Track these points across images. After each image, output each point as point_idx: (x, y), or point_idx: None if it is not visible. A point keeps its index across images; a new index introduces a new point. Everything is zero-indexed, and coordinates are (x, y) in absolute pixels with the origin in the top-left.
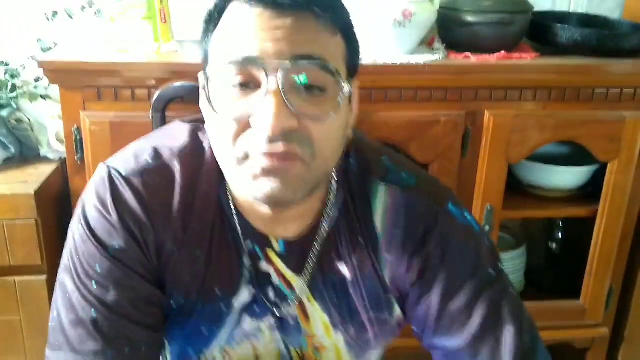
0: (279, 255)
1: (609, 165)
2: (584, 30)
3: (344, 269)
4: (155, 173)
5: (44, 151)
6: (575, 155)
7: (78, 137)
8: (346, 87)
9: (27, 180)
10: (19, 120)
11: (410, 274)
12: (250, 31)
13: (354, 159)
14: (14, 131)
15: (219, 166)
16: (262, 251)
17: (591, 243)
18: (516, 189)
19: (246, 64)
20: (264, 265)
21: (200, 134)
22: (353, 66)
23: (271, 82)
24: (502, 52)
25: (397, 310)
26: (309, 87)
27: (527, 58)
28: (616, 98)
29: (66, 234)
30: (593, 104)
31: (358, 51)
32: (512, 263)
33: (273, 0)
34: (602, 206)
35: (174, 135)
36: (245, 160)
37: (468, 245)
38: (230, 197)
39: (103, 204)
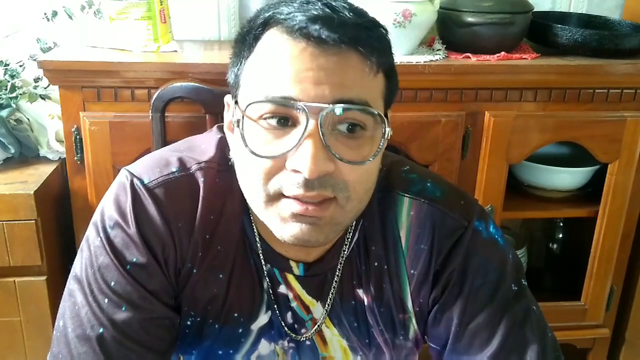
0: (298, 279)
1: (609, 165)
2: (584, 31)
3: (362, 294)
4: (180, 185)
5: (43, 151)
6: (576, 155)
7: (78, 138)
8: (387, 130)
9: (27, 181)
10: (18, 121)
11: (435, 290)
12: (292, 68)
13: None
14: (13, 131)
15: None
16: (282, 275)
17: (592, 244)
18: (517, 189)
19: (286, 105)
20: (283, 289)
21: (227, 149)
22: (390, 100)
23: (310, 125)
24: (502, 52)
25: (412, 331)
26: (349, 126)
27: (527, 58)
28: (616, 99)
29: (66, 234)
30: (593, 105)
31: (397, 86)
32: None
33: (318, 36)
34: (602, 207)
35: (200, 147)
36: (275, 200)
37: (491, 261)
38: (253, 219)
39: (122, 214)
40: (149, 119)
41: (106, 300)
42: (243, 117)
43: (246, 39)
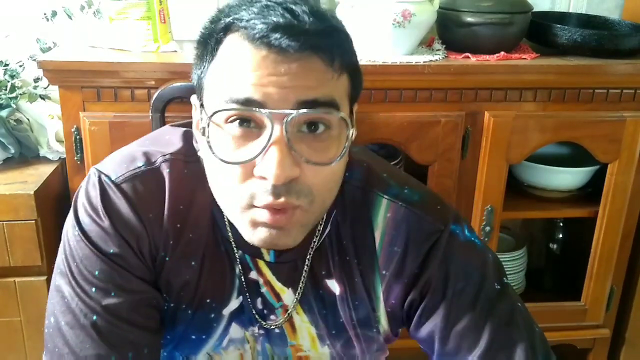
0: (269, 265)
1: (609, 166)
2: (584, 31)
3: (334, 285)
4: (146, 179)
5: (43, 152)
6: (576, 155)
7: (77, 138)
8: (352, 131)
9: (27, 181)
10: (18, 121)
11: (413, 293)
12: (254, 74)
13: (355, 173)
14: (13, 132)
15: None
16: (253, 261)
17: (592, 244)
18: (516, 189)
19: (249, 107)
20: (254, 275)
21: (193, 140)
22: (355, 96)
23: (275, 131)
24: (502, 52)
25: (384, 327)
26: (313, 126)
27: (526, 58)
28: (616, 99)
29: None
30: (593, 105)
31: (361, 82)
32: (513, 264)
33: (279, 45)
34: (602, 207)
35: (166, 140)
36: (247, 209)
37: (471, 263)
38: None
39: (95, 210)
40: (148, 119)
41: (94, 289)
42: (209, 124)
43: (208, 42)
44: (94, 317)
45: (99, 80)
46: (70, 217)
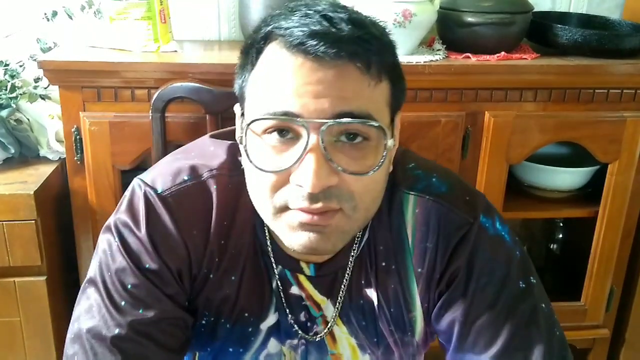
0: (310, 279)
1: (609, 166)
2: (584, 31)
3: (372, 293)
4: (193, 194)
5: (43, 152)
6: (576, 156)
7: (78, 138)
8: (390, 142)
9: (27, 181)
10: (18, 121)
11: (440, 285)
12: (291, 83)
13: None
14: (13, 132)
15: None
16: (293, 276)
17: (592, 244)
18: (516, 189)
19: (287, 120)
20: (295, 290)
21: (238, 154)
22: (398, 106)
23: (312, 140)
24: (502, 52)
25: (419, 329)
26: (351, 135)
27: (527, 58)
28: (616, 99)
29: (66, 234)
30: (593, 105)
31: (404, 89)
32: None
33: (315, 52)
34: (602, 207)
35: (211, 153)
36: (283, 212)
37: (497, 259)
38: (265, 222)
39: (136, 222)
40: (149, 119)
41: (123, 303)
42: (246, 133)
43: (249, 52)
44: (117, 331)
45: (99, 80)
46: (109, 226)
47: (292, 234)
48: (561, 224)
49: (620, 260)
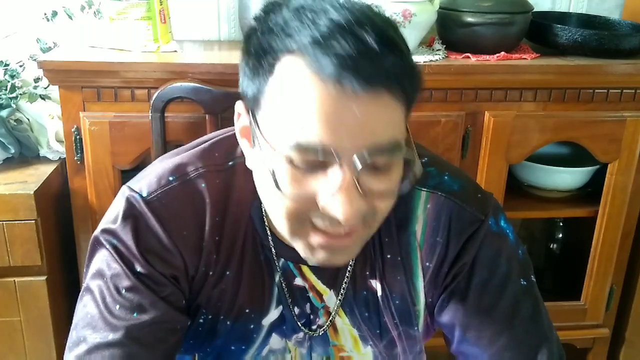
0: (312, 269)
1: (609, 165)
2: (584, 31)
3: (376, 284)
4: (179, 194)
5: (43, 151)
6: (576, 155)
7: (77, 138)
8: (418, 169)
9: (27, 181)
10: (18, 121)
11: (447, 280)
12: (323, 114)
13: None
14: (13, 131)
15: (251, 183)
16: (296, 267)
17: (591, 243)
18: (516, 189)
19: (319, 154)
20: (299, 281)
21: (227, 149)
22: (410, 112)
23: (346, 175)
24: (502, 52)
25: (421, 322)
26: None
27: (527, 58)
28: (616, 99)
29: (66, 234)
30: (593, 105)
31: (416, 98)
32: None
33: (350, 85)
34: (602, 207)
35: (198, 150)
36: (303, 228)
37: (500, 254)
38: (265, 216)
39: (125, 232)
40: (148, 119)
41: (117, 307)
42: (278, 163)
43: (262, 56)
44: (111, 336)
45: (99, 80)
46: (99, 234)
47: (310, 251)
48: (561, 224)
49: (620, 260)
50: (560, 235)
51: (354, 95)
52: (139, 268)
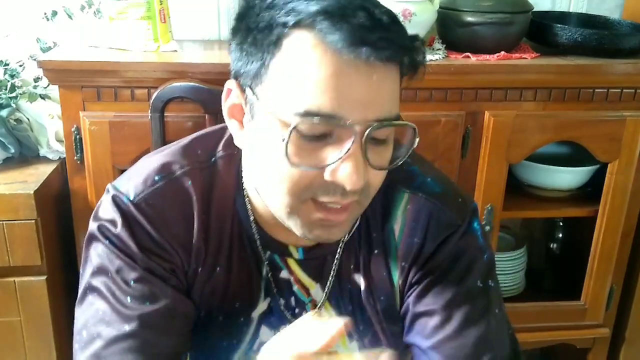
0: (298, 262)
1: (609, 165)
2: (584, 31)
3: (360, 279)
4: (167, 193)
5: (43, 151)
6: (576, 155)
7: (77, 137)
8: (416, 140)
9: (27, 181)
10: (18, 121)
11: (415, 277)
12: (336, 84)
13: None
14: (13, 131)
15: (233, 178)
16: (282, 260)
17: (592, 243)
18: (516, 189)
19: (330, 121)
20: (285, 274)
21: (207, 147)
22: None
23: (356, 143)
24: (502, 52)
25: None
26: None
27: (527, 58)
28: (616, 98)
29: (66, 234)
30: (593, 104)
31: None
32: (512, 263)
33: (365, 56)
34: (602, 206)
35: (180, 149)
36: (303, 204)
37: (464, 252)
38: (250, 209)
39: (121, 230)
40: (148, 119)
41: (128, 299)
42: (289, 131)
43: (267, 31)
44: (127, 327)
45: (99, 80)
46: (92, 235)
47: (309, 227)
48: (561, 224)
49: (620, 260)
50: (560, 235)
51: (367, 65)
52: (140, 263)
